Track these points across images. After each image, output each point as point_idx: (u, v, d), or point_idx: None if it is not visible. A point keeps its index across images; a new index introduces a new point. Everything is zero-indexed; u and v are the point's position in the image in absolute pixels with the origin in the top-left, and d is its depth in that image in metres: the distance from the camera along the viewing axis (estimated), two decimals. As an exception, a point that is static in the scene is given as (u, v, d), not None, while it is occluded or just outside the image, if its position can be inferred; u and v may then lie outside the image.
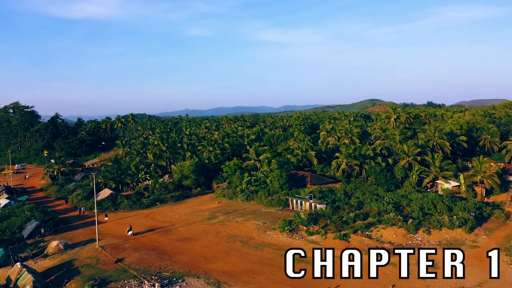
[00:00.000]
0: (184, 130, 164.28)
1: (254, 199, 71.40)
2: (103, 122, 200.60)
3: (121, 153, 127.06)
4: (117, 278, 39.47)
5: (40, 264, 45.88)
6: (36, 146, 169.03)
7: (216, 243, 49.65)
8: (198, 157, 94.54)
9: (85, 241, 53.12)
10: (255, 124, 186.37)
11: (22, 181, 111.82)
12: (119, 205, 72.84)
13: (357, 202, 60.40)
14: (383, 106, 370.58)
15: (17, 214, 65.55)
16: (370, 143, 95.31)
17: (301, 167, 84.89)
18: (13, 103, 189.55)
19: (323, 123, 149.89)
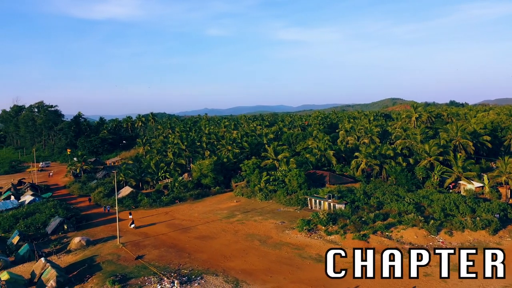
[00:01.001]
0: (203, 129, 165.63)
1: (272, 198, 71.39)
2: (124, 121, 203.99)
3: (141, 151, 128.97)
4: (137, 274, 40.08)
5: (63, 259, 46.98)
6: (60, 144, 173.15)
7: (235, 242, 49.86)
8: (217, 156, 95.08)
9: (106, 237, 54.12)
10: (273, 124, 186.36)
11: (46, 179, 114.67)
12: (140, 203, 73.91)
13: (376, 202, 59.67)
14: (404, 105, 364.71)
15: (41, 210, 67.26)
16: (391, 143, 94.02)
17: (319, 166, 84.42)
18: (37, 103, 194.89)
19: (342, 122, 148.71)
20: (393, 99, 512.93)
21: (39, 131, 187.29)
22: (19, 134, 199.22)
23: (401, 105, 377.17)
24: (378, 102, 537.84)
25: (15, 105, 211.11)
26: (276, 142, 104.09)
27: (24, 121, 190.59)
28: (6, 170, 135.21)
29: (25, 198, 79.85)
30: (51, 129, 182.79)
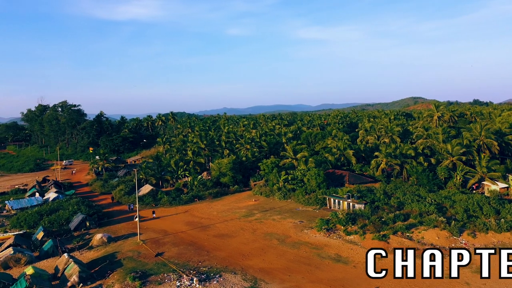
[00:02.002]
0: (223, 128, 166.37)
1: (291, 197, 71.22)
2: (144, 120, 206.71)
3: (161, 150, 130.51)
4: (157, 271, 40.60)
5: (85, 255, 47.97)
6: (82, 143, 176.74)
7: (253, 240, 49.95)
8: (235, 154, 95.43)
9: (127, 235, 55.00)
10: (292, 123, 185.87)
11: (69, 176, 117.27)
12: (159, 201, 74.82)
13: (397, 202, 58.82)
14: (425, 104, 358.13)
15: (64, 207, 68.84)
16: (412, 142, 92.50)
17: (339, 166, 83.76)
18: (61, 102, 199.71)
19: (362, 122, 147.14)
20: (415, 98, 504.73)
21: (62, 130, 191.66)
22: (43, 133, 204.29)
23: (422, 104, 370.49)
24: (399, 101, 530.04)
25: (40, 105, 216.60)
26: (295, 141, 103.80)
27: (48, 120, 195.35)
28: (31, 168, 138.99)
29: (49, 195, 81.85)
30: (74, 128, 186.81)
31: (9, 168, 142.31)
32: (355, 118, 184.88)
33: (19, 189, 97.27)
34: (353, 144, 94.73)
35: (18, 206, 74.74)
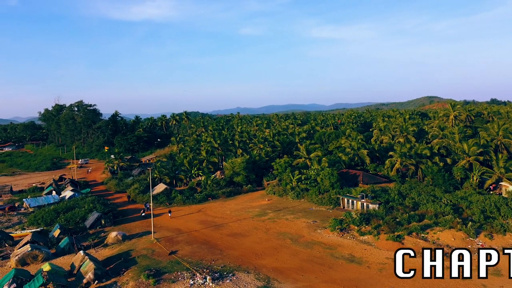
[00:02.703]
0: (236, 128, 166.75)
1: (304, 197, 71.01)
2: (158, 119, 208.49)
3: (175, 149, 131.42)
4: (170, 269, 40.90)
5: (100, 253, 48.60)
6: (98, 142, 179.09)
7: (266, 240, 49.94)
8: (249, 154, 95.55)
9: (141, 233, 55.55)
10: (306, 122, 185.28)
11: (85, 175, 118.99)
12: (173, 200, 75.37)
13: (412, 203, 58.11)
14: (441, 103, 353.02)
15: (80, 205, 69.87)
16: (427, 142, 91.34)
17: (352, 165, 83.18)
18: (77, 102, 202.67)
19: (377, 121, 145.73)
20: (430, 97, 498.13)
21: (78, 129, 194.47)
22: (60, 132, 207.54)
23: (438, 104, 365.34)
24: (414, 100, 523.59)
25: (57, 104, 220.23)
26: (308, 140, 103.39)
27: (65, 119, 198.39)
28: (48, 167, 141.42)
29: (66, 193, 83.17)
30: (90, 127, 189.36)
31: (27, 167, 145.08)
32: (369, 118, 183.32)
33: (36, 187, 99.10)
34: (367, 143, 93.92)
35: (36, 204, 76.15)
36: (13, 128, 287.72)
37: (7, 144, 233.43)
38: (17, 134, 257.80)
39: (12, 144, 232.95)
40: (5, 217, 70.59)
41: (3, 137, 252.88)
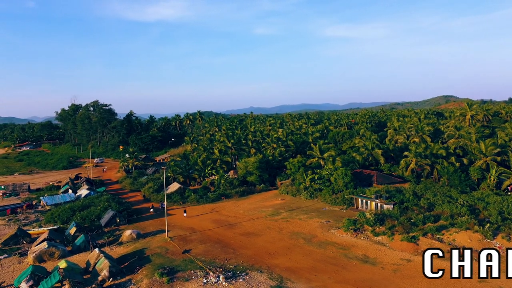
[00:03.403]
0: (249, 127, 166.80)
1: (317, 197, 70.71)
2: (172, 119, 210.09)
3: (189, 149, 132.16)
4: (184, 268, 41.17)
5: (115, 250, 49.22)
6: (113, 141, 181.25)
7: (279, 239, 49.89)
8: (262, 153, 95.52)
9: (155, 231, 56.07)
10: (319, 122, 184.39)
11: (100, 174, 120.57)
12: (187, 199, 75.85)
13: (427, 203, 57.34)
14: (457, 103, 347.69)
15: (96, 204, 70.87)
16: (443, 142, 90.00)
17: (367, 165, 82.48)
18: (93, 102, 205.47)
19: (391, 121, 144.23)
20: (446, 97, 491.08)
21: (94, 128, 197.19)
22: (76, 132, 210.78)
23: (454, 103, 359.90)
24: (429, 100, 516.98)
25: (73, 104, 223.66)
26: (321, 140, 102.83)
27: (81, 119, 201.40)
28: (65, 166, 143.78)
29: (81, 192, 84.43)
30: (105, 126, 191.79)
31: (44, 166, 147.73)
32: (384, 117, 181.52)
33: (53, 185, 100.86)
34: (381, 143, 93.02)
35: (52, 202, 77.54)
36: (30, 127, 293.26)
37: (25, 143, 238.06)
38: (34, 134, 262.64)
39: (30, 143, 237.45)
40: (23, 214, 72.10)
41: (21, 136, 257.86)
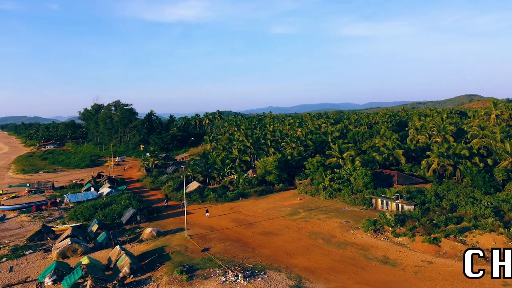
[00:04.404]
0: (268, 127, 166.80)
1: (337, 197, 70.17)
2: (192, 119, 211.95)
3: (208, 148, 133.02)
4: (203, 266, 41.49)
5: (136, 248, 49.96)
6: (134, 140, 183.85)
7: (298, 239, 49.74)
8: (281, 153, 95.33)
9: (175, 229, 56.65)
10: (339, 121, 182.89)
11: (121, 172, 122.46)
12: (206, 198, 76.37)
13: (449, 204, 56.20)
14: (482, 102, 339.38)
15: (117, 201, 72.07)
16: (466, 142, 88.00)
17: (387, 165, 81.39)
18: (115, 102, 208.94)
19: (412, 120, 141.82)
20: (470, 96, 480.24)
21: (116, 128, 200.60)
22: (98, 131, 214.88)
23: (478, 102, 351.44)
24: (452, 99, 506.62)
25: (95, 104, 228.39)
26: (341, 140, 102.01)
27: (103, 118, 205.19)
28: (87, 164, 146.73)
29: (103, 190, 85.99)
30: (126, 126, 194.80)
31: (68, 164, 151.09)
32: (405, 117, 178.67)
33: (76, 183, 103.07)
34: (402, 143, 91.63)
35: (75, 199, 79.28)
36: (55, 127, 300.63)
37: (49, 142, 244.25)
38: (58, 133, 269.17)
39: (54, 142, 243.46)
40: (47, 211, 73.97)
41: (46, 135, 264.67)
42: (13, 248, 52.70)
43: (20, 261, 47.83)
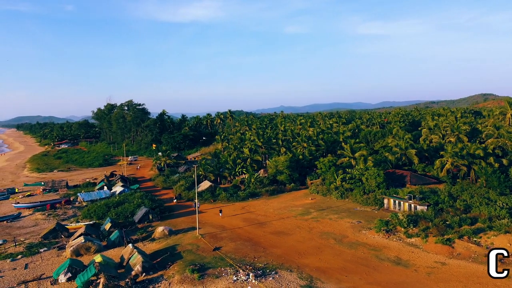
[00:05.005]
0: (279, 126, 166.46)
1: (348, 197, 69.77)
2: (204, 118, 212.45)
3: (220, 147, 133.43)
4: (214, 265, 41.65)
5: (148, 246, 50.40)
6: (146, 140, 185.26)
7: (309, 239, 49.60)
8: (292, 153, 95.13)
9: (186, 228, 56.98)
10: (350, 121, 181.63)
11: (134, 171, 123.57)
12: (217, 197, 76.63)
13: (463, 205, 55.44)
14: (497, 101, 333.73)
15: (129, 200, 72.79)
16: (481, 142, 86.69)
17: (399, 165, 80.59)
18: (127, 101, 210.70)
19: (425, 120, 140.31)
20: (484, 95, 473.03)
21: (128, 127, 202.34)
22: (111, 130, 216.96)
23: (493, 101, 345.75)
24: (466, 98, 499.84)
25: (108, 104, 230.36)
26: (353, 139, 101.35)
27: (116, 118, 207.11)
28: (100, 163, 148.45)
29: (116, 189, 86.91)
30: (139, 125, 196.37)
31: (81, 163, 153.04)
32: (418, 116, 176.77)
33: (89, 182, 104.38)
34: (415, 143, 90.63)
35: (89, 198, 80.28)
36: (69, 126, 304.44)
37: (63, 141, 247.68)
38: (72, 132, 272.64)
39: (68, 141, 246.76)
40: (62, 210, 75.07)
41: (60, 135, 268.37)
42: (28, 246, 53.66)
43: (35, 258, 48.68)
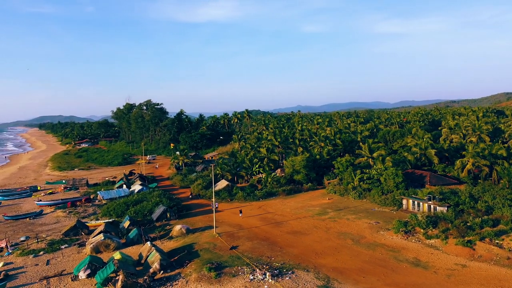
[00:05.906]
0: (296, 126, 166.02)
1: (366, 197, 69.07)
2: (221, 118, 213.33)
3: (237, 147, 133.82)
4: (231, 264, 41.83)
5: (165, 244, 50.94)
6: (164, 139, 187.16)
7: (326, 239, 49.32)
8: (309, 152, 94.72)
9: (204, 227, 57.36)
10: (368, 120, 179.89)
11: (152, 170, 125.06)
12: (234, 196, 76.88)
13: (485, 206, 54.22)
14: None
15: (148, 199, 73.70)
16: (503, 142, 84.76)
17: (419, 166, 79.36)
18: (146, 101, 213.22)
19: (446, 119, 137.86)
20: (508, 94, 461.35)
21: (147, 126, 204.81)
22: (130, 130, 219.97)
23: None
24: (489, 97, 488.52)
25: (127, 103, 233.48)
26: (371, 139, 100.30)
27: (134, 117, 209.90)
28: (120, 162, 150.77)
29: (135, 187, 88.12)
30: (157, 125, 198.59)
31: (101, 162, 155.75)
32: (438, 116, 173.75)
33: (109, 181, 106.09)
34: (435, 143, 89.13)
35: (108, 196, 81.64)
36: (89, 126, 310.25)
37: (84, 140, 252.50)
38: (92, 132, 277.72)
39: (88, 140, 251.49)
40: (82, 207, 76.55)
41: (81, 134, 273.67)
42: (50, 242, 54.92)
43: (57, 255, 49.79)
